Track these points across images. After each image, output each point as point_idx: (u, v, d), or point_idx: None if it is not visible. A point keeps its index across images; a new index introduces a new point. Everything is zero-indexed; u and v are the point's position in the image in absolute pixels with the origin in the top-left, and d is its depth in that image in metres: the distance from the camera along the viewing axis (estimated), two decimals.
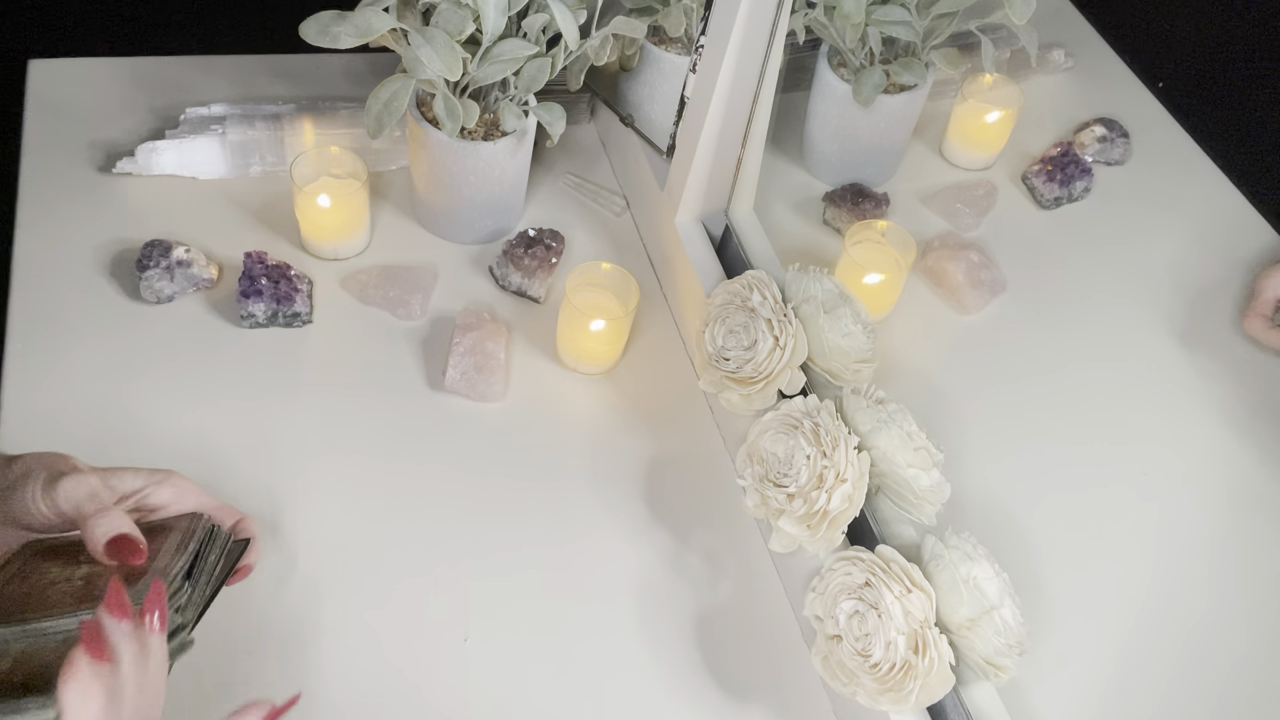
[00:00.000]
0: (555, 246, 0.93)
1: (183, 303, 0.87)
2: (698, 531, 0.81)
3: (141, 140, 0.95)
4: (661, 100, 0.94)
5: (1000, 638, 0.63)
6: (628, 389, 0.88)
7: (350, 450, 0.81)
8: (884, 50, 0.93)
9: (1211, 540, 0.79)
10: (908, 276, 0.90)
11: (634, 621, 0.75)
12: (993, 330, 0.91)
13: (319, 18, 0.78)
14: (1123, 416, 0.86)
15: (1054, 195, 0.99)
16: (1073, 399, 0.87)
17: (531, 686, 0.72)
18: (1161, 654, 0.74)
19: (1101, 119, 1.06)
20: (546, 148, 1.04)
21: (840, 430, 0.70)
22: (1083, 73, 1.12)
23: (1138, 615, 0.75)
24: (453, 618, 0.74)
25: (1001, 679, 0.63)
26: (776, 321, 0.76)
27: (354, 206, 0.89)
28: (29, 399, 0.79)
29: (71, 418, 0.78)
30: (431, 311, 0.90)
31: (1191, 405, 0.87)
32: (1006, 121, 1.00)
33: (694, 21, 0.90)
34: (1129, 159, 1.05)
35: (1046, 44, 1.11)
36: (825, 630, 0.66)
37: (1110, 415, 0.86)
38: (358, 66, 1.08)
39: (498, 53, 0.83)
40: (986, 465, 0.82)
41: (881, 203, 0.96)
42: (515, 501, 0.80)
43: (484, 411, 0.85)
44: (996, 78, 1.01)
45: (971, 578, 0.64)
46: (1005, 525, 0.79)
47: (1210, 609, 0.76)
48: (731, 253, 0.89)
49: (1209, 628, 0.75)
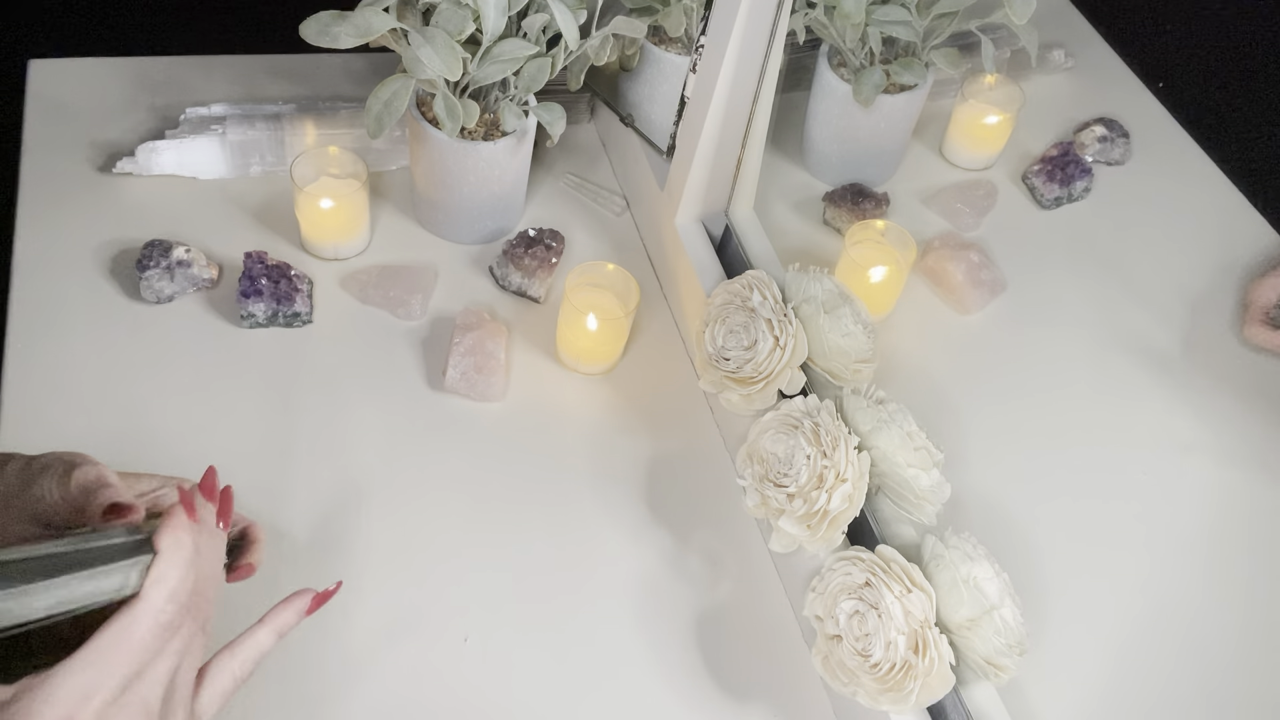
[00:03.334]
0: (555, 246, 0.93)
1: (183, 303, 0.87)
2: (698, 531, 0.81)
3: (141, 140, 0.95)
4: (661, 100, 0.94)
5: (1000, 638, 0.63)
6: (628, 389, 0.88)
7: (350, 450, 0.81)
8: (884, 50, 0.93)
9: (1212, 540, 0.79)
10: (908, 276, 0.90)
11: (634, 621, 0.75)
12: (993, 330, 0.91)
13: (319, 18, 0.78)
14: (1123, 417, 0.86)
15: (1054, 195, 0.99)
16: (1073, 399, 0.87)
17: (531, 686, 0.72)
18: (1161, 654, 0.74)
19: (1101, 119, 1.06)
20: (546, 148, 1.04)
21: (840, 430, 0.70)
22: (1083, 73, 1.12)
23: (1137, 615, 0.75)
24: (453, 617, 0.74)
25: (1001, 679, 0.63)
26: (776, 321, 0.76)
27: (354, 206, 0.89)
28: (29, 399, 0.79)
29: (71, 417, 0.78)
30: (431, 311, 0.90)
31: (1192, 405, 0.87)
32: (1007, 121, 1.00)
33: (694, 21, 0.90)
34: (1129, 159, 1.05)
35: (1046, 44, 1.11)
36: (825, 630, 0.66)
37: (1111, 415, 0.86)
38: (358, 66, 1.08)
39: (498, 53, 0.83)
40: (986, 465, 0.82)
41: (881, 203, 0.96)
42: (515, 501, 0.80)
43: (484, 411, 0.85)
44: (997, 78, 1.01)
45: (971, 578, 0.64)
46: (1005, 525, 0.79)
47: (1209, 610, 0.76)
48: (731, 253, 0.89)
49: (1208, 628, 0.75)
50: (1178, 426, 0.86)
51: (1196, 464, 0.84)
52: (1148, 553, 0.79)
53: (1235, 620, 0.76)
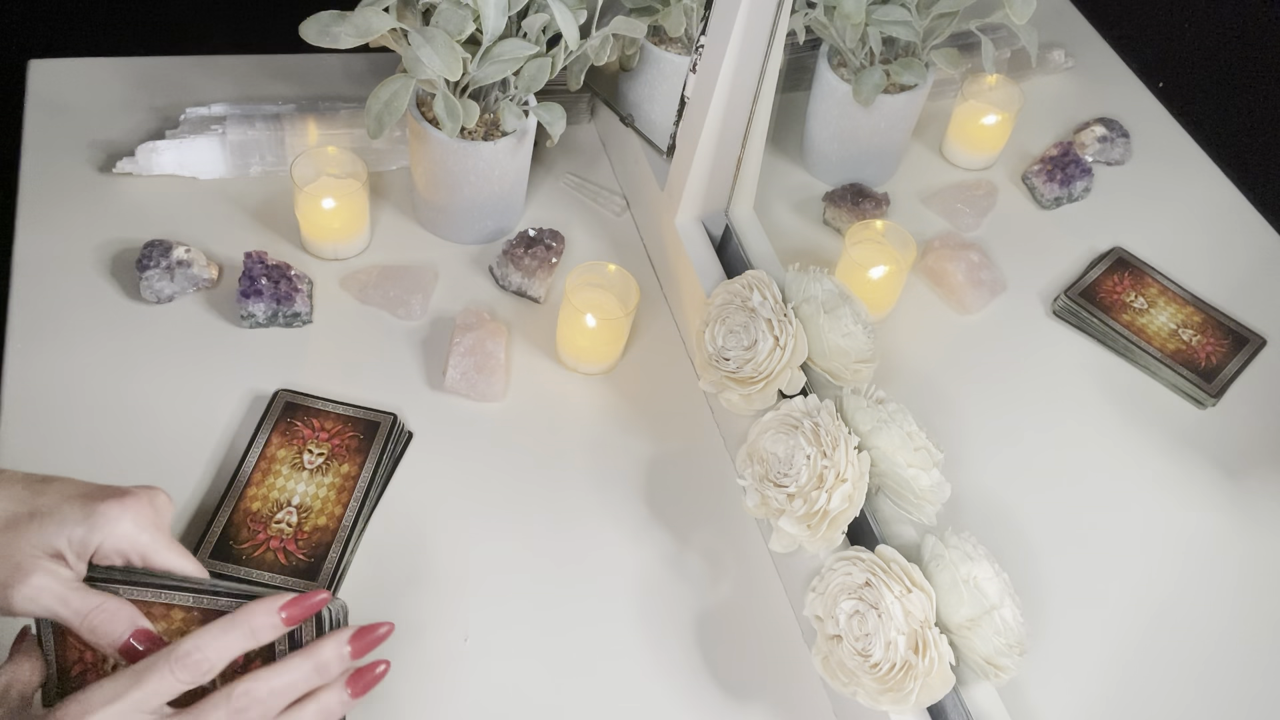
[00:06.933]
0: (555, 246, 0.93)
1: (183, 303, 0.87)
2: (698, 531, 0.81)
3: (141, 140, 0.95)
4: (661, 100, 0.94)
5: (1000, 638, 0.63)
6: (628, 389, 0.88)
7: None
8: (884, 50, 0.93)
9: (1212, 540, 0.79)
10: (908, 276, 0.90)
11: (634, 621, 0.75)
12: (993, 330, 0.91)
13: (319, 18, 0.78)
14: (1124, 416, 0.86)
15: (1054, 195, 0.99)
16: (1073, 399, 0.87)
17: (531, 686, 0.72)
18: (1161, 654, 0.74)
19: (1101, 119, 1.06)
20: (546, 148, 1.04)
21: (840, 430, 0.70)
22: (1083, 73, 1.12)
23: (1138, 615, 0.75)
24: (453, 617, 0.74)
25: (1001, 679, 0.63)
26: (776, 321, 0.76)
27: (354, 206, 0.89)
28: (29, 399, 0.79)
29: (71, 418, 0.78)
30: (431, 311, 0.90)
31: (1193, 405, 0.87)
32: (1006, 121, 1.00)
33: (694, 21, 0.90)
34: (1129, 159, 1.05)
35: (1046, 44, 1.11)
36: (825, 630, 0.66)
37: (1111, 415, 0.86)
38: (358, 66, 1.08)
39: (498, 53, 0.83)
40: (986, 465, 0.82)
41: (881, 203, 0.96)
42: (515, 501, 0.80)
43: (484, 411, 0.85)
44: (997, 78, 1.01)
45: (971, 578, 0.64)
46: (1005, 525, 0.79)
47: (1210, 609, 0.76)
48: (731, 253, 0.89)
49: (1209, 628, 0.75)
50: (1178, 427, 0.86)
51: (1197, 464, 0.84)
52: (1148, 552, 0.79)
53: (1236, 620, 0.76)
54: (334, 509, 0.75)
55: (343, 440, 0.78)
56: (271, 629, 0.54)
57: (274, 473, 0.76)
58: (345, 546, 0.73)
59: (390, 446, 0.79)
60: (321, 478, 0.76)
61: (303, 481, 0.76)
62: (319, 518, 0.74)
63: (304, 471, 0.76)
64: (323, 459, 0.77)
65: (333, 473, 0.77)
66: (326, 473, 0.76)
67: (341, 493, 0.76)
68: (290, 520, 0.74)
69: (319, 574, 0.72)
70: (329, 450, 0.78)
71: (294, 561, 0.72)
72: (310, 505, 0.75)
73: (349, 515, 0.75)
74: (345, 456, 0.77)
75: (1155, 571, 0.78)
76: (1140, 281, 0.94)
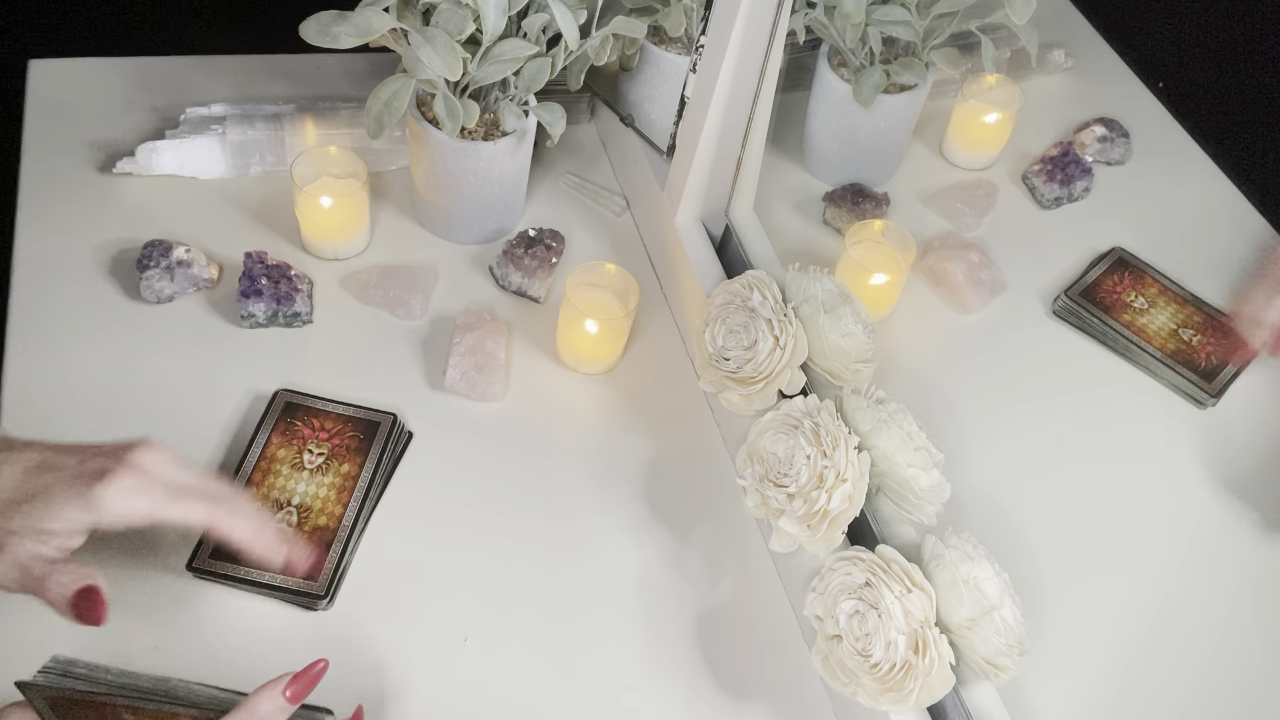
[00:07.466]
0: (555, 246, 0.93)
1: (183, 303, 0.87)
2: (698, 531, 0.81)
3: (141, 140, 0.95)
4: (661, 100, 0.94)
5: (1000, 638, 0.63)
6: (628, 389, 0.88)
7: None
8: (884, 50, 0.93)
9: (1213, 540, 0.79)
10: (908, 276, 0.90)
11: (634, 621, 0.75)
12: (993, 330, 0.91)
13: (319, 18, 0.78)
14: (1124, 417, 0.86)
15: (1054, 195, 0.99)
16: (1073, 399, 0.87)
17: (532, 686, 0.72)
18: (1162, 654, 0.74)
19: (1101, 119, 1.06)
20: (546, 148, 1.04)
21: (840, 430, 0.70)
22: (1083, 73, 1.12)
23: (1138, 615, 0.75)
24: (453, 618, 0.74)
25: (1001, 679, 0.63)
26: (777, 321, 0.76)
27: (354, 206, 0.89)
28: (29, 399, 0.79)
29: (72, 417, 0.78)
30: (431, 311, 0.90)
31: (1193, 405, 0.87)
32: (1006, 121, 1.00)
33: (694, 21, 0.90)
34: (1129, 159, 1.05)
35: (1046, 44, 1.11)
36: (825, 630, 0.66)
37: (1111, 415, 0.86)
38: (358, 66, 1.08)
39: (498, 53, 0.83)
40: (986, 465, 0.82)
41: (881, 203, 0.96)
42: (515, 501, 0.80)
43: (484, 411, 0.85)
44: (997, 78, 1.01)
45: (971, 578, 0.64)
46: (1005, 525, 0.79)
47: (1211, 609, 0.76)
48: (731, 253, 0.89)
49: (1209, 628, 0.75)
50: (1179, 427, 0.86)
51: (1198, 464, 0.84)
52: (1148, 552, 0.79)
53: (1236, 620, 0.76)
54: (334, 509, 0.75)
55: (343, 440, 0.78)
56: (280, 712, 0.56)
57: (274, 472, 0.76)
58: (345, 546, 0.73)
59: (390, 446, 0.79)
60: (321, 478, 0.76)
61: (303, 481, 0.76)
62: (319, 518, 0.74)
63: (304, 471, 0.76)
64: (323, 459, 0.77)
65: (333, 472, 0.77)
66: (326, 472, 0.76)
67: (341, 493, 0.76)
68: (290, 520, 0.74)
69: (319, 574, 0.72)
70: (329, 450, 0.78)
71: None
72: (310, 505, 0.75)
73: (349, 515, 0.75)
74: (345, 456, 0.77)
75: (1156, 572, 0.78)
76: (1140, 281, 0.94)
